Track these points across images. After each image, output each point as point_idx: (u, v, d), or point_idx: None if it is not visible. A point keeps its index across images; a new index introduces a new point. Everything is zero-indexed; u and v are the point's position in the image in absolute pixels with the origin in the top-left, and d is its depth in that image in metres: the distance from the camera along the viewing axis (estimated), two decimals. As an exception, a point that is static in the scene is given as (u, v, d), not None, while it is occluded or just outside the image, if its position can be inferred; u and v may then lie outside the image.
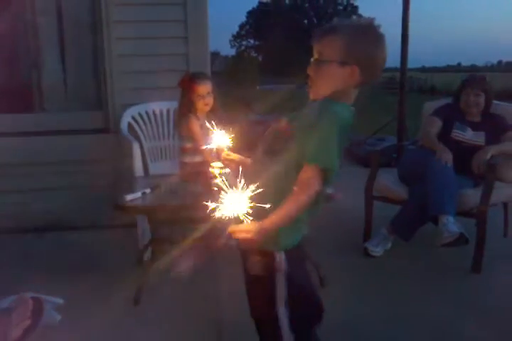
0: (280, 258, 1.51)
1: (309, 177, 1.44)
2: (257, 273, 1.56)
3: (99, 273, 3.09)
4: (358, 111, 1.57)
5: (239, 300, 1.66)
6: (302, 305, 1.58)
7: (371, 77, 1.55)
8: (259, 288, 1.60)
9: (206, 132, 1.98)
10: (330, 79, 1.52)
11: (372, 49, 1.51)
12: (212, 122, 1.91)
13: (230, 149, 1.85)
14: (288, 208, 1.45)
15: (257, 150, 1.61)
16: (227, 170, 2.48)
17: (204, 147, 2.00)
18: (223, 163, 1.85)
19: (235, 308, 1.62)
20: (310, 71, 1.55)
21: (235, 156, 1.81)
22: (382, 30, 1.54)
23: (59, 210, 3.77)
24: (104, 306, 2.68)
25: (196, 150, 3.10)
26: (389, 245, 3.36)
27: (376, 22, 1.54)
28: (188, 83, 3.11)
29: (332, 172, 1.46)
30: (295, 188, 1.44)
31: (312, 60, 1.55)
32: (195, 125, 3.08)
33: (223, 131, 1.88)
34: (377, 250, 3.31)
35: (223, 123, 1.90)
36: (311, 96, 1.58)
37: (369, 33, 1.52)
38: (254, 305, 1.64)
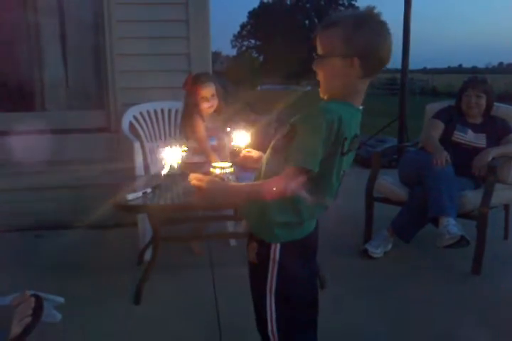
0: (275, 249, 1.53)
1: (285, 174, 1.41)
2: (252, 260, 1.60)
3: (100, 273, 3.09)
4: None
5: (239, 300, 1.66)
6: (293, 300, 1.58)
7: (376, 67, 1.49)
8: (253, 275, 1.64)
9: (210, 133, 2.01)
10: (333, 74, 1.49)
11: (373, 38, 1.45)
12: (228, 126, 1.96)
13: (249, 147, 1.88)
14: (249, 189, 1.51)
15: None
16: (229, 170, 2.49)
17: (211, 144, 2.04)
18: (243, 159, 1.87)
19: (235, 307, 1.63)
20: (314, 67, 1.52)
21: (254, 153, 1.83)
22: (383, 17, 1.47)
23: (59, 209, 3.77)
24: (104, 306, 2.68)
25: (199, 151, 3.12)
26: (389, 246, 3.36)
27: (376, 10, 1.47)
28: (191, 85, 3.13)
29: (312, 172, 1.41)
30: (273, 177, 1.45)
31: (315, 56, 1.51)
32: (199, 126, 3.10)
33: (242, 130, 1.90)
34: (377, 252, 3.30)
35: (229, 123, 1.93)
36: (321, 94, 1.55)
37: (369, 22, 1.45)
38: (251, 291, 1.66)
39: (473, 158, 3.26)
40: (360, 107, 1.54)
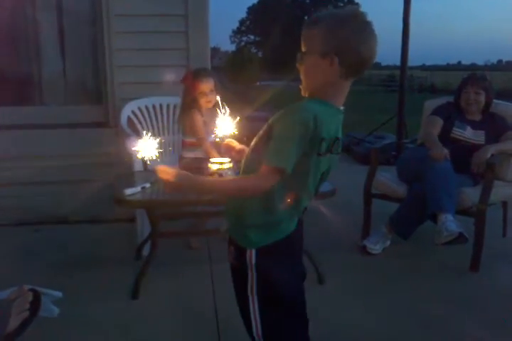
0: (250, 254, 1.51)
1: (261, 173, 1.40)
2: (231, 263, 1.60)
3: (98, 268, 3.09)
4: (357, 109, 1.55)
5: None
6: (276, 302, 1.55)
7: (357, 67, 1.47)
8: (234, 278, 1.63)
9: (209, 128, 1.98)
10: (313, 72, 1.49)
11: (353, 37, 1.43)
12: (218, 112, 1.91)
13: (234, 137, 1.85)
14: (221, 185, 1.51)
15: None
16: (227, 165, 2.48)
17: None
18: (224, 148, 1.84)
19: (234, 303, 1.62)
20: (298, 66, 1.52)
21: (236, 144, 1.80)
22: (367, 17, 1.45)
23: (58, 204, 3.76)
24: (102, 300, 2.68)
25: (198, 146, 3.12)
26: (388, 243, 3.36)
27: (360, 9, 1.46)
28: (190, 80, 3.12)
29: (286, 172, 1.39)
30: (249, 175, 1.46)
31: (298, 54, 1.51)
32: (198, 121, 3.10)
33: (229, 120, 1.87)
34: (376, 248, 3.30)
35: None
36: (302, 92, 1.54)
37: (350, 21, 1.44)
38: (235, 293, 1.65)
39: (472, 155, 3.26)
40: (342, 108, 1.52)
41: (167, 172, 1.47)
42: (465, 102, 3.50)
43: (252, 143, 1.56)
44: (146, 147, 1.63)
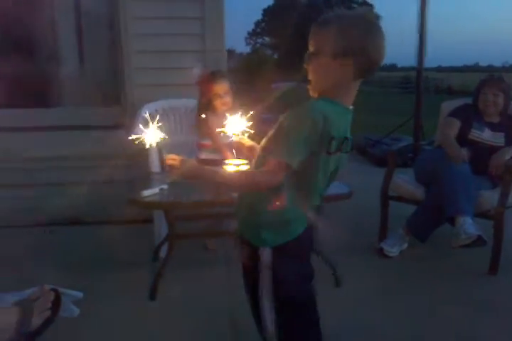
0: (263, 253, 1.52)
1: (268, 166, 1.43)
2: (243, 262, 1.61)
3: (115, 269, 3.11)
4: (373, 111, 1.55)
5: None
6: (287, 302, 1.56)
7: (366, 69, 1.48)
8: (246, 277, 1.65)
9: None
10: (323, 73, 1.49)
11: (363, 38, 1.44)
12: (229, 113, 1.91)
13: (247, 135, 1.85)
14: (232, 175, 1.53)
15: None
16: (243, 167, 2.47)
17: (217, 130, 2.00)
18: (235, 146, 1.85)
19: (249, 304, 1.63)
20: (305, 66, 1.53)
21: (246, 141, 1.80)
22: (376, 18, 1.47)
23: (75, 205, 3.79)
24: (120, 301, 2.70)
25: (213, 148, 3.13)
26: (405, 245, 3.34)
27: (371, 10, 1.49)
28: (205, 82, 3.14)
29: (291, 168, 1.40)
30: (255, 170, 1.51)
31: (306, 54, 1.52)
32: (213, 123, 3.10)
33: (241, 117, 1.86)
34: (393, 250, 3.28)
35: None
36: (311, 93, 1.55)
37: (359, 22, 1.45)
38: (245, 292, 1.66)
39: (490, 157, 3.23)
40: (351, 107, 1.53)
41: (173, 158, 1.55)
42: (483, 104, 3.47)
43: (263, 141, 1.57)
44: (151, 133, 1.70)
